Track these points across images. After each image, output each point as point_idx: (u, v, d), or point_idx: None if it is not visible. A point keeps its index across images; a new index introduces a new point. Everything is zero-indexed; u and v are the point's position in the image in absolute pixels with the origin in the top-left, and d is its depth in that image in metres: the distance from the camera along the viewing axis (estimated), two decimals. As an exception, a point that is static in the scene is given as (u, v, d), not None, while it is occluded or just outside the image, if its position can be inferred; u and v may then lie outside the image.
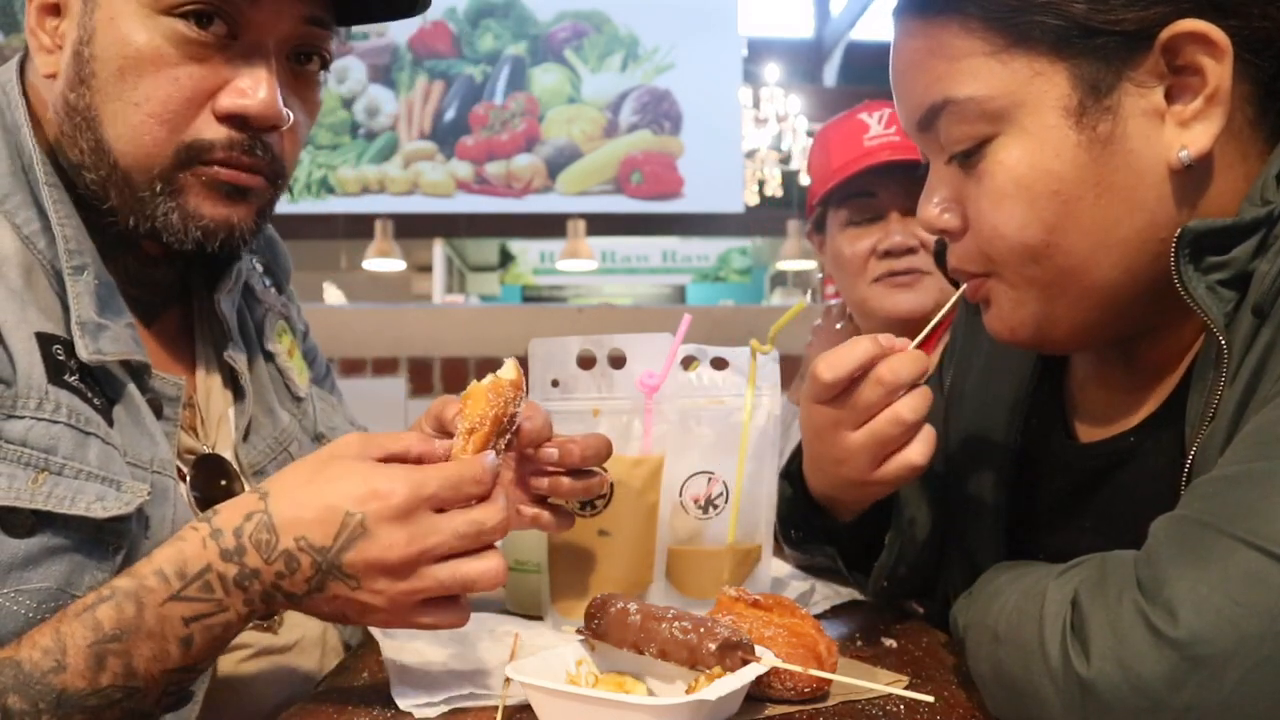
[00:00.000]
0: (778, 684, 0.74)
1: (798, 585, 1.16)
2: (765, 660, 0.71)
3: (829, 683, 0.75)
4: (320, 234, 7.24)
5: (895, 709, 0.74)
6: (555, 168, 7.31)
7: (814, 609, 1.04)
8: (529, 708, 0.71)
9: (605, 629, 0.77)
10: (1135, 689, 0.55)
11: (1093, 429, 0.84)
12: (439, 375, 3.76)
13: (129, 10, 0.80)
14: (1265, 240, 0.66)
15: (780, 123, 8.36)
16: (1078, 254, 0.71)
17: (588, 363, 0.98)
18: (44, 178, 0.81)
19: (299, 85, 0.89)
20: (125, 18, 0.80)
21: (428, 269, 9.92)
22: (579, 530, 0.97)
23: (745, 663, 0.70)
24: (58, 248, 0.79)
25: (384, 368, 3.75)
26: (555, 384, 0.98)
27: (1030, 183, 0.70)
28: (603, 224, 7.42)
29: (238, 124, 0.83)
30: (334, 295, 7.16)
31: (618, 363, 0.98)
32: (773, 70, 8.30)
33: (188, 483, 0.88)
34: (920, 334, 1.52)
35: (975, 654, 0.71)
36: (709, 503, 1.01)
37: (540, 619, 1.01)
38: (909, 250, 1.43)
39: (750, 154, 8.20)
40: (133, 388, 0.82)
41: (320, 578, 0.68)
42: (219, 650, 0.72)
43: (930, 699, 0.72)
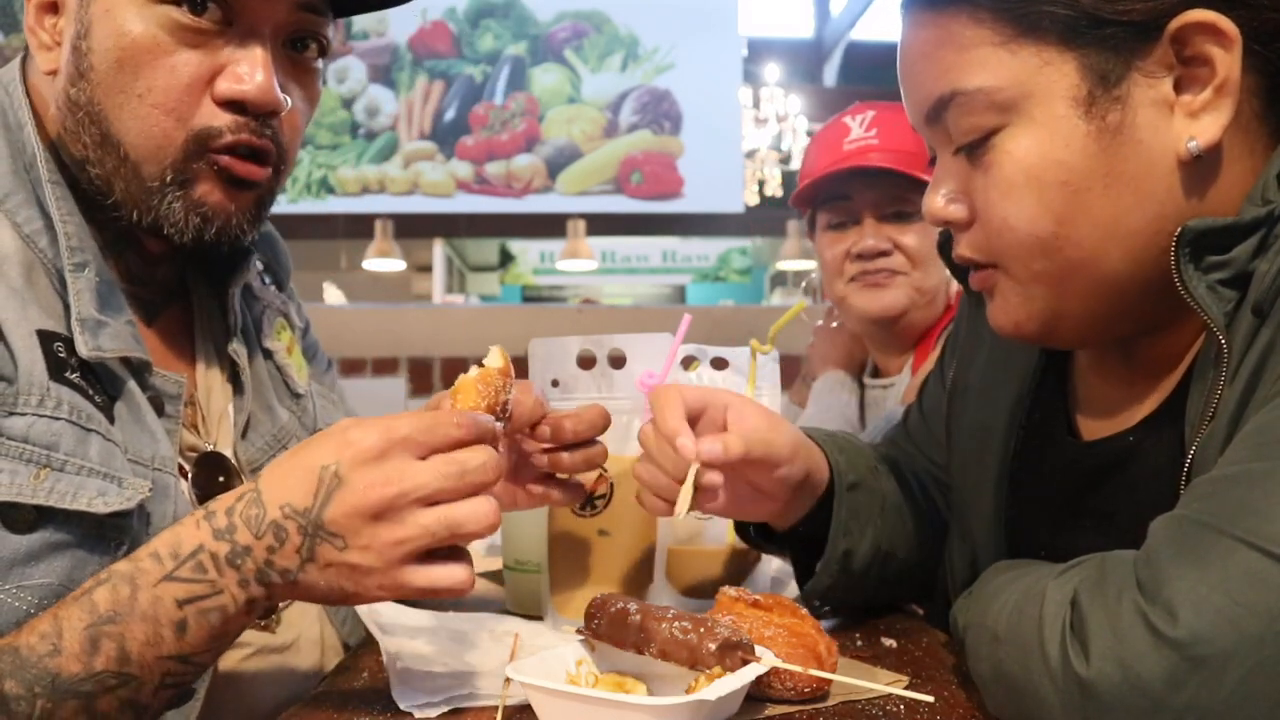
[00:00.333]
0: (778, 684, 0.74)
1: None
2: (765, 660, 0.71)
3: (829, 683, 0.75)
4: (320, 234, 7.24)
5: (895, 709, 0.74)
6: (555, 168, 7.31)
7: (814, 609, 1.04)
8: (529, 708, 0.71)
9: (605, 629, 0.77)
10: (1135, 689, 0.55)
11: (1094, 426, 0.84)
12: (439, 375, 3.76)
13: (124, 1, 0.80)
14: (1265, 240, 0.66)
15: (780, 123, 8.36)
16: (1087, 245, 0.71)
17: (588, 363, 0.98)
18: (46, 175, 0.81)
19: (297, 72, 0.89)
20: (121, 8, 0.80)
21: (428, 269, 9.92)
22: (579, 530, 0.97)
23: (745, 663, 0.70)
24: (59, 245, 0.79)
25: (384, 368, 3.75)
26: (555, 384, 0.98)
27: (1039, 173, 0.70)
28: (603, 224, 7.42)
29: (236, 110, 0.83)
30: (334, 295, 7.16)
31: (618, 363, 0.98)
32: (773, 70, 8.30)
33: (189, 480, 0.88)
34: (886, 335, 1.54)
35: (975, 654, 0.71)
36: (709, 503, 1.01)
37: (540, 619, 1.01)
38: (881, 253, 1.45)
39: (750, 154, 8.20)
40: (133, 385, 0.82)
41: (308, 543, 0.67)
42: (218, 643, 0.70)
43: (930, 699, 0.72)
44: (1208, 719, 0.54)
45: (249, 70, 0.82)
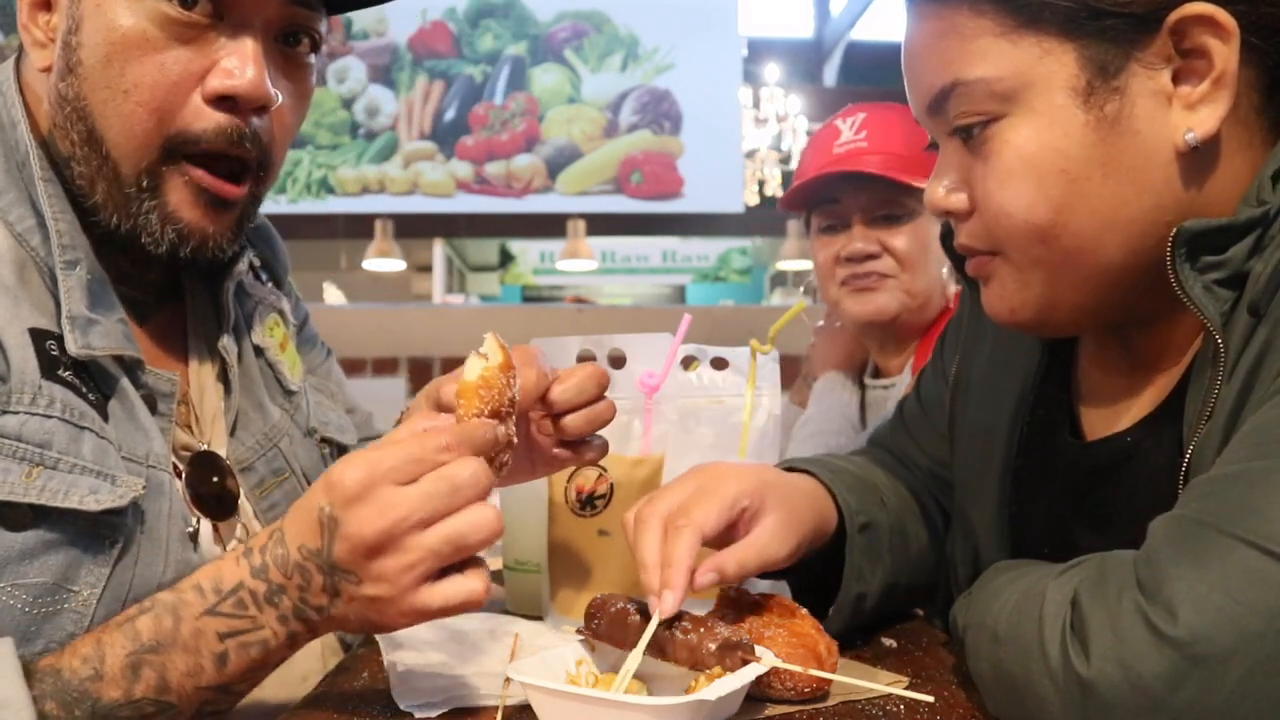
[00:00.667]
0: (778, 684, 0.74)
1: (798, 585, 1.16)
2: (765, 660, 0.71)
3: (829, 683, 0.75)
4: (320, 234, 7.24)
5: (895, 709, 0.74)
6: (555, 168, 7.31)
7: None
8: (529, 708, 0.71)
9: (605, 629, 0.77)
10: (1135, 688, 0.55)
11: (1095, 425, 0.84)
12: (439, 375, 3.75)
13: None
14: (1261, 240, 0.66)
15: (780, 123, 8.36)
16: (1085, 234, 0.71)
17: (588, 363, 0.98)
18: (39, 173, 0.81)
19: (289, 68, 0.88)
20: (111, 3, 0.80)
21: (428, 269, 9.92)
22: (579, 530, 0.97)
23: (745, 663, 0.70)
24: (51, 243, 0.79)
25: (384, 368, 3.75)
26: (555, 384, 0.98)
27: (1038, 162, 0.71)
28: (603, 224, 7.42)
29: (227, 106, 0.83)
30: (334, 295, 7.15)
31: (618, 363, 0.98)
32: (773, 70, 8.30)
33: (183, 480, 0.88)
34: (882, 337, 1.54)
35: (975, 654, 0.71)
36: (709, 503, 1.01)
37: (540, 619, 1.01)
38: (869, 256, 1.46)
39: (750, 154, 8.20)
40: (126, 383, 0.82)
41: (330, 581, 0.68)
42: (258, 674, 0.72)
43: (930, 699, 0.72)
44: (1208, 718, 0.54)
45: (239, 64, 0.82)
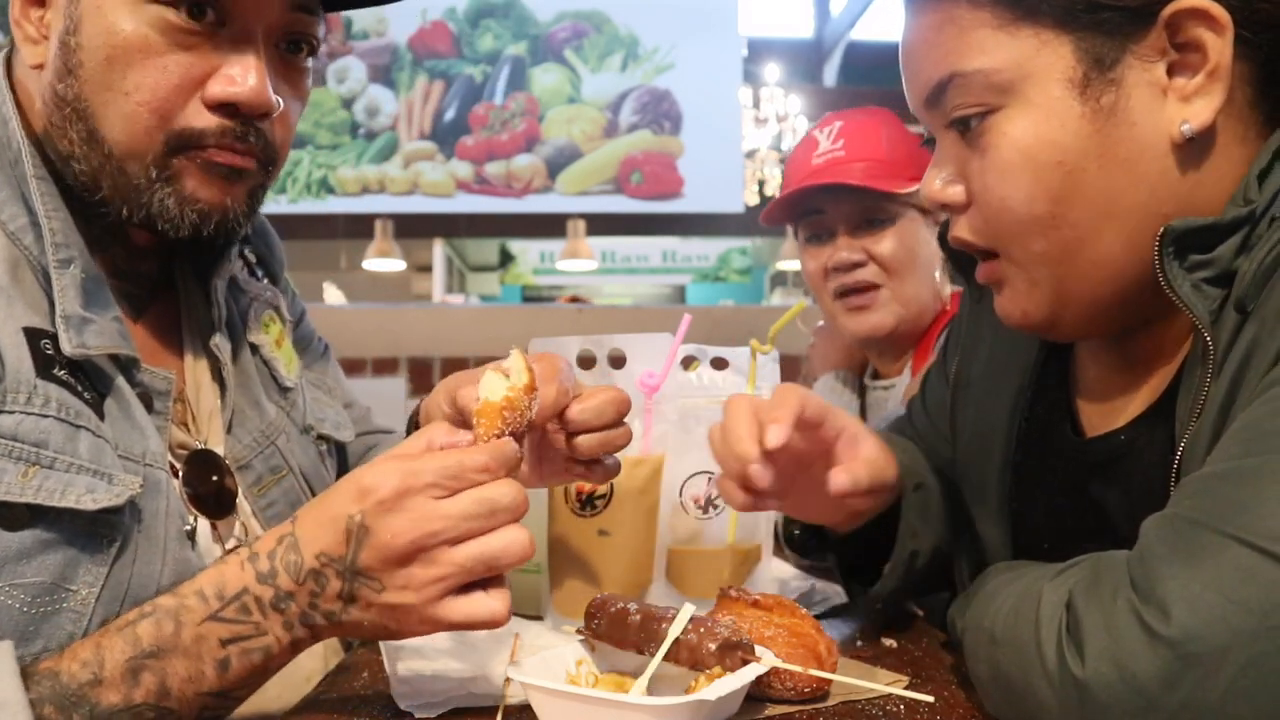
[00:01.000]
0: (778, 684, 0.74)
1: (798, 585, 1.17)
2: (765, 660, 0.71)
3: (829, 683, 0.75)
4: (320, 234, 7.23)
5: (895, 709, 0.74)
6: (555, 168, 7.31)
7: (814, 609, 1.04)
8: (529, 708, 0.71)
9: (605, 629, 0.77)
10: (1130, 688, 0.55)
11: (1093, 422, 0.84)
12: (439, 375, 3.75)
13: None
14: (1248, 239, 0.67)
15: (780, 123, 8.35)
16: (1082, 225, 0.72)
17: (588, 363, 0.98)
18: (32, 170, 0.81)
19: (288, 72, 0.89)
20: (112, 6, 0.79)
21: (428, 269, 9.92)
22: (579, 530, 0.97)
23: (745, 663, 0.70)
24: (44, 241, 0.79)
25: (384, 368, 3.75)
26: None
27: (1035, 153, 0.71)
28: (603, 224, 7.42)
29: (228, 112, 0.83)
30: (334, 295, 7.15)
31: (618, 363, 0.98)
32: (773, 70, 8.30)
33: (180, 478, 0.88)
34: (882, 346, 1.53)
35: (973, 655, 0.71)
36: (709, 503, 1.01)
37: (540, 619, 1.01)
38: (855, 265, 1.45)
39: (750, 154, 8.19)
40: (121, 381, 0.81)
41: (348, 587, 0.68)
42: (259, 679, 0.71)
43: (930, 699, 0.72)
44: (1203, 717, 0.54)
45: (241, 73, 0.82)
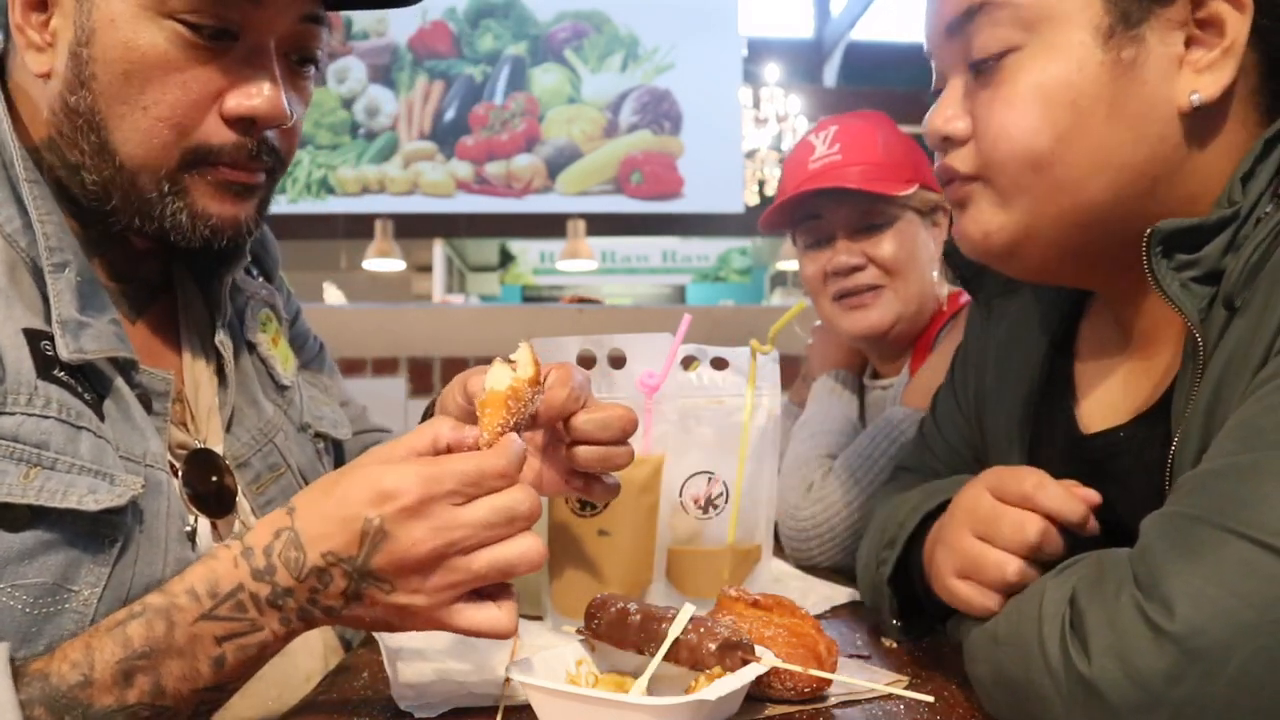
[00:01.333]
0: (778, 684, 0.74)
1: (798, 585, 1.17)
2: (765, 660, 0.71)
3: (829, 683, 0.75)
4: (320, 234, 7.23)
5: (895, 709, 0.74)
6: (555, 168, 7.31)
7: (814, 609, 1.04)
8: (529, 708, 0.71)
9: (605, 629, 0.77)
10: (1135, 684, 0.56)
11: (1094, 419, 0.85)
12: (439, 375, 3.75)
13: (130, 12, 0.79)
14: (1234, 238, 0.69)
15: (780, 123, 8.35)
16: (1077, 169, 0.73)
17: (588, 363, 0.98)
18: (24, 174, 0.80)
19: (296, 81, 0.90)
20: (127, 20, 0.79)
21: (428, 269, 9.91)
22: (579, 530, 0.97)
23: (745, 663, 0.70)
24: (38, 245, 0.79)
25: (384, 368, 3.75)
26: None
27: (1049, 90, 0.73)
28: (603, 224, 7.41)
29: (244, 126, 0.84)
30: (334, 295, 7.14)
31: (618, 363, 0.98)
32: (773, 70, 8.30)
33: (179, 478, 0.88)
34: (880, 346, 1.53)
35: (974, 657, 0.71)
36: (709, 503, 1.01)
37: (540, 619, 1.02)
38: (855, 269, 1.46)
39: (750, 154, 8.19)
40: (120, 382, 0.81)
41: (355, 587, 0.67)
42: (254, 669, 0.71)
43: (930, 699, 0.72)
44: (1207, 712, 0.54)
45: (257, 85, 0.83)
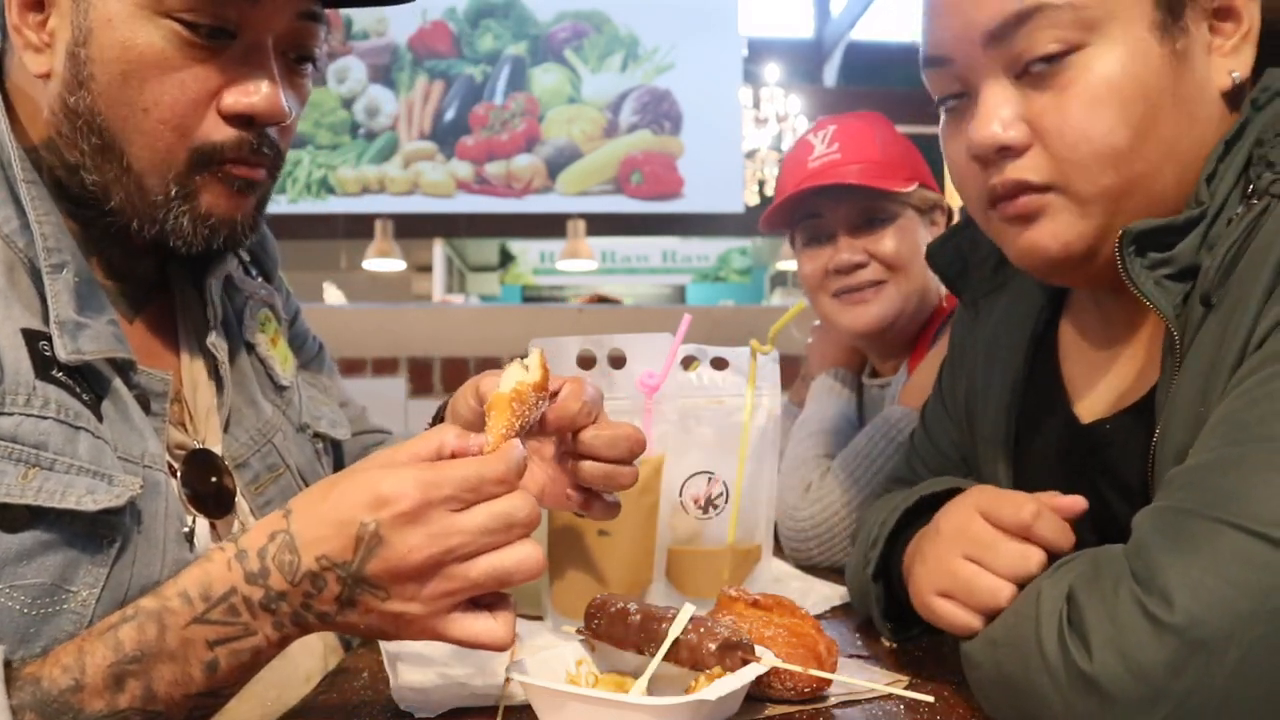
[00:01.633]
0: (778, 684, 0.74)
1: (798, 585, 1.17)
2: (765, 660, 0.71)
3: (829, 683, 0.75)
4: (320, 234, 7.23)
5: (895, 709, 0.74)
6: (555, 168, 7.30)
7: (814, 609, 1.04)
8: (529, 708, 0.71)
9: (605, 629, 0.77)
10: (1137, 677, 0.56)
11: (1081, 409, 0.87)
12: (439, 375, 3.75)
13: (126, 12, 0.79)
14: (1206, 236, 0.71)
15: (780, 123, 8.35)
16: (1151, 160, 0.75)
17: (588, 363, 0.98)
18: (21, 175, 0.80)
19: (293, 79, 0.90)
20: (124, 20, 0.79)
21: (428, 269, 9.91)
22: (579, 530, 0.97)
23: (745, 663, 0.70)
24: (36, 246, 0.79)
25: (384, 368, 3.75)
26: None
27: (1123, 87, 0.74)
28: (603, 224, 7.41)
29: (243, 123, 0.84)
30: (334, 295, 7.15)
31: (618, 363, 0.98)
32: (773, 70, 8.29)
33: (178, 478, 0.88)
34: (879, 344, 1.53)
35: (972, 660, 0.71)
36: (709, 503, 1.01)
37: (540, 619, 1.02)
38: (857, 266, 1.46)
39: (750, 154, 8.19)
40: (119, 383, 0.81)
41: (349, 592, 0.66)
42: (249, 675, 0.70)
43: (930, 699, 0.72)
44: (1209, 703, 0.55)
45: (256, 84, 0.83)
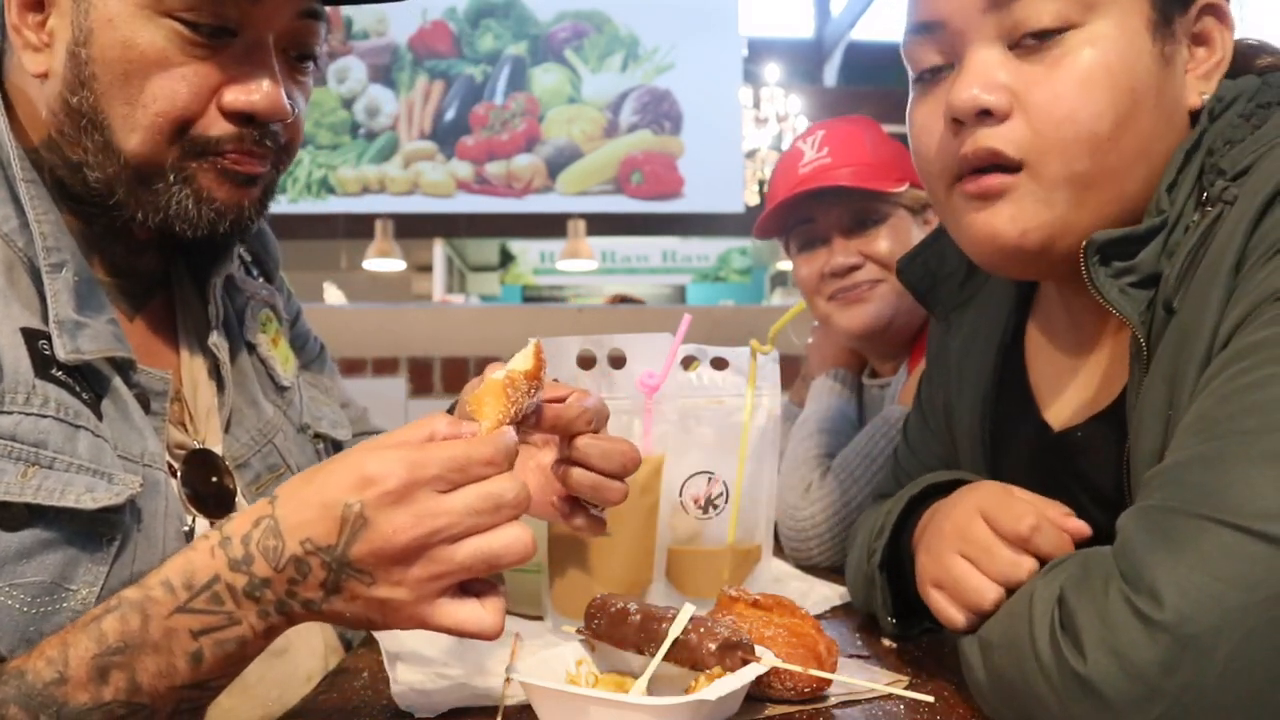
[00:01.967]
0: (778, 684, 0.74)
1: (798, 585, 1.17)
2: (765, 660, 0.71)
3: (829, 683, 0.75)
4: (320, 234, 7.23)
5: (895, 709, 0.74)
6: (555, 168, 7.30)
7: (814, 609, 1.04)
8: (529, 708, 0.71)
9: (605, 629, 0.77)
10: (1131, 677, 0.56)
11: (1051, 415, 0.87)
12: (439, 375, 3.75)
13: (127, 11, 0.79)
14: (1167, 243, 0.73)
15: (780, 123, 8.35)
16: (1125, 156, 0.75)
17: (588, 363, 0.98)
18: (21, 174, 0.81)
19: (295, 75, 0.90)
20: (125, 19, 0.79)
21: (428, 269, 9.91)
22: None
23: (745, 663, 0.70)
24: (35, 245, 0.79)
25: (384, 368, 3.75)
26: (555, 383, 0.98)
27: (1116, 73, 0.74)
28: (603, 224, 7.41)
29: (244, 119, 0.84)
30: (334, 295, 7.15)
31: (618, 363, 0.98)
32: (773, 70, 8.30)
33: (178, 478, 0.88)
34: (878, 344, 1.53)
35: (969, 662, 0.72)
36: (709, 503, 1.01)
37: (540, 619, 1.02)
38: (852, 268, 1.47)
39: (750, 154, 8.19)
40: (118, 382, 0.81)
41: (334, 578, 0.64)
42: (235, 668, 0.68)
43: (930, 699, 0.72)
44: (1204, 699, 0.55)
45: (257, 82, 0.83)
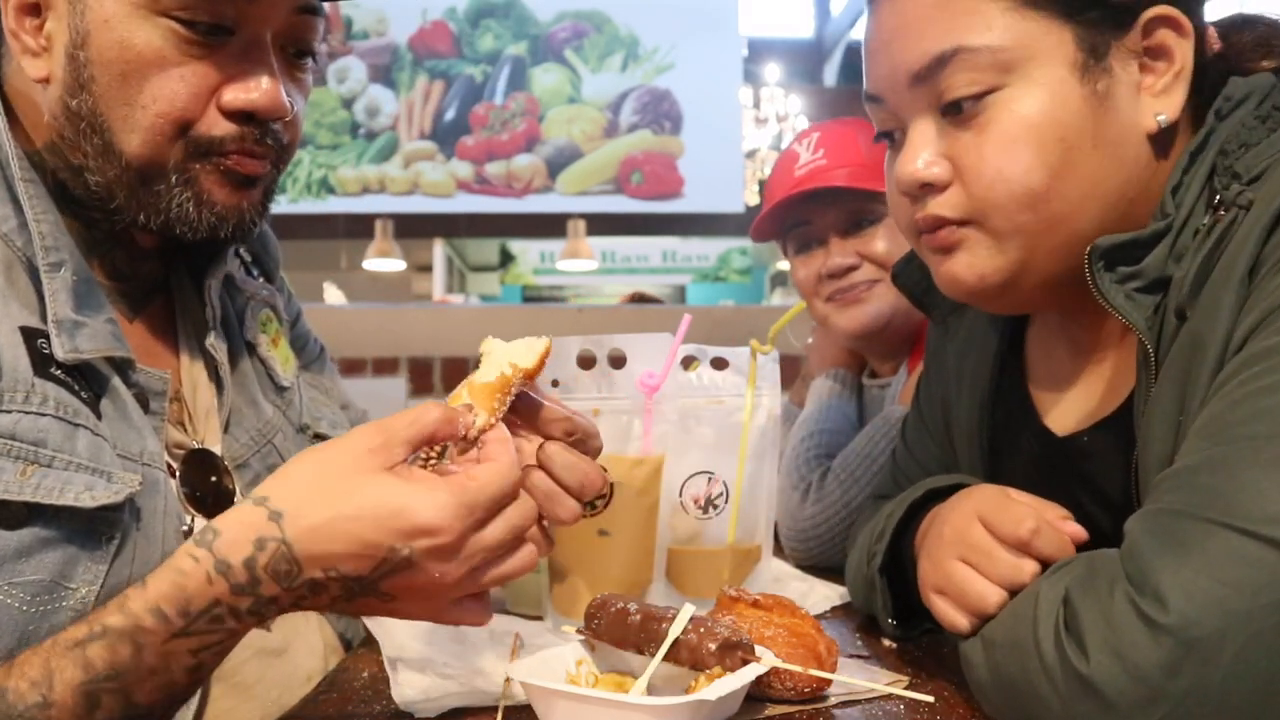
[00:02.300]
0: (778, 684, 0.74)
1: (798, 585, 1.17)
2: (765, 660, 0.71)
3: (829, 683, 0.75)
4: (320, 234, 7.23)
5: (895, 709, 0.74)
6: (555, 168, 7.31)
7: (814, 609, 1.04)
8: (529, 708, 0.71)
9: (605, 629, 0.77)
10: (1134, 679, 0.56)
11: (1052, 421, 0.87)
12: (439, 375, 3.75)
13: (123, 12, 0.79)
14: (1174, 247, 0.72)
15: (780, 123, 8.36)
16: (1070, 201, 0.75)
17: (588, 363, 0.98)
18: (20, 174, 0.80)
19: (293, 73, 0.90)
20: (121, 20, 0.79)
21: (428, 269, 9.91)
22: (579, 530, 0.97)
23: (745, 663, 0.70)
24: (34, 244, 0.79)
25: (384, 368, 3.75)
26: (555, 384, 0.98)
27: (1040, 128, 0.74)
28: (603, 224, 7.42)
29: (244, 118, 0.84)
30: (334, 295, 7.15)
31: (618, 363, 0.98)
32: (773, 70, 8.30)
33: (177, 478, 0.88)
34: (877, 345, 1.53)
35: (971, 661, 0.72)
36: (709, 503, 1.01)
37: (540, 619, 1.02)
38: (850, 268, 1.47)
39: (750, 154, 8.19)
40: (117, 381, 0.81)
41: (349, 594, 0.67)
42: (226, 657, 0.71)
43: (930, 699, 0.72)
44: (1207, 702, 0.55)
45: (256, 80, 0.83)
